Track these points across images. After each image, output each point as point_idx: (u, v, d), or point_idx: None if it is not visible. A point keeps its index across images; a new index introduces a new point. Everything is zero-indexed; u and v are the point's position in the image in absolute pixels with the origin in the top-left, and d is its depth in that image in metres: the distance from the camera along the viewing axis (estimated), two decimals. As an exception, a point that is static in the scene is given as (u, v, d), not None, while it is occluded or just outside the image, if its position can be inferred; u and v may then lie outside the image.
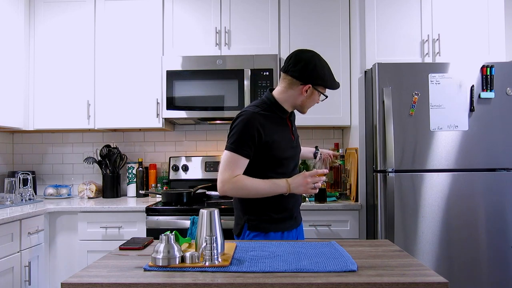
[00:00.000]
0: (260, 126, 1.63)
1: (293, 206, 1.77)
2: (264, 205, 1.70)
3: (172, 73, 2.87)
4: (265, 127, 1.65)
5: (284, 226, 1.74)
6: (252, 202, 1.70)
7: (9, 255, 2.24)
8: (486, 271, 2.42)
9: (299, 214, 1.85)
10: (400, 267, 1.21)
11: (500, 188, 2.44)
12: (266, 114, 1.69)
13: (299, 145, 1.85)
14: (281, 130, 1.72)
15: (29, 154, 3.34)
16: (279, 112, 1.73)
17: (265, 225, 1.71)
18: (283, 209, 1.73)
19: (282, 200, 1.70)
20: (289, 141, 1.75)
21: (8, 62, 2.77)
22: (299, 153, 1.85)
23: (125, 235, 2.57)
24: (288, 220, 1.75)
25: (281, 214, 1.73)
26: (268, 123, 1.67)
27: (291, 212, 1.77)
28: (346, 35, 2.91)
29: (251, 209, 1.72)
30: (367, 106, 2.65)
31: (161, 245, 1.22)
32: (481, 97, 2.45)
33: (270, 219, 1.71)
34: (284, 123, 1.76)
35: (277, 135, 1.68)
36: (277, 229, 1.72)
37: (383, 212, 2.44)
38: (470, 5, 2.70)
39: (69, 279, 1.11)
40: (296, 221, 1.81)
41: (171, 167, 3.15)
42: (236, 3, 2.94)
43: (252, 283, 1.08)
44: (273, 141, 1.66)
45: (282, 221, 1.73)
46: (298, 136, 1.85)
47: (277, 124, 1.72)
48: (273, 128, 1.68)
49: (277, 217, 1.72)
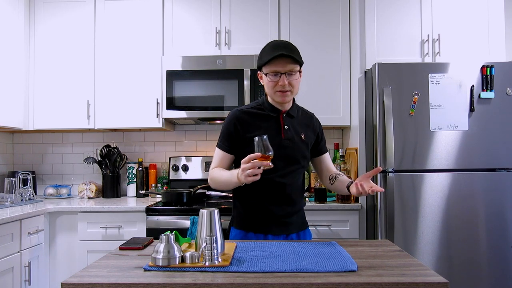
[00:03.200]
0: (239, 122, 1.67)
1: (281, 209, 1.68)
2: (248, 204, 1.70)
3: (172, 73, 2.87)
4: (245, 124, 1.67)
5: (267, 229, 1.67)
6: (239, 199, 1.73)
7: (9, 255, 2.24)
8: (486, 271, 2.42)
9: (294, 221, 1.73)
10: (400, 267, 1.21)
11: (500, 188, 2.44)
12: (253, 112, 1.70)
13: (295, 146, 1.70)
14: (266, 128, 1.66)
15: (29, 154, 3.34)
16: (268, 111, 1.70)
17: (246, 224, 1.70)
18: (265, 210, 1.68)
19: (264, 201, 1.67)
20: (275, 139, 1.62)
21: (8, 62, 2.77)
22: (294, 153, 1.69)
23: (125, 235, 2.57)
24: (272, 223, 1.68)
25: (262, 215, 1.68)
26: (253, 120, 1.68)
27: (277, 216, 1.68)
28: (346, 35, 2.91)
29: (237, 206, 1.75)
30: (367, 106, 2.65)
31: (161, 245, 1.22)
32: (481, 97, 2.45)
33: (251, 219, 1.70)
34: (273, 121, 1.69)
35: (260, 132, 1.59)
36: (258, 230, 1.68)
37: (383, 212, 2.44)
38: (470, 5, 2.70)
39: (69, 279, 1.11)
40: (287, 228, 1.70)
41: (171, 167, 3.15)
42: (236, 3, 2.94)
43: (252, 283, 1.07)
44: (253, 136, 1.60)
45: (263, 223, 1.68)
46: (296, 137, 1.70)
47: (264, 121, 1.68)
48: (257, 125, 1.67)
49: (258, 218, 1.68)
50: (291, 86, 1.62)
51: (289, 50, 1.59)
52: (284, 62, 1.58)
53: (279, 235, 1.68)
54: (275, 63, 1.58)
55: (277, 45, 1.61)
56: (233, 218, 1.78)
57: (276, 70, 1.59)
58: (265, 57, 1.60)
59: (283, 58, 1.57)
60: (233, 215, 1.79)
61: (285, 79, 1.59)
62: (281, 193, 1.68)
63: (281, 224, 1.69)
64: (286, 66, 1.58)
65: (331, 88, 2.91)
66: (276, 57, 1.56)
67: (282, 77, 1.59)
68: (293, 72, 1.60)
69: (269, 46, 1.63)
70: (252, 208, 1.70)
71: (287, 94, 1.63)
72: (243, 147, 1.66)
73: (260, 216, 1.69)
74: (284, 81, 1.59)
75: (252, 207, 1.70)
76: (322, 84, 2.91)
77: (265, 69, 1.62)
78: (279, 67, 1.58)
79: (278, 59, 1.57)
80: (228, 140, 1.69)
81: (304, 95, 2.84)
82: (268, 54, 1.59)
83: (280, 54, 1.55)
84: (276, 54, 1.56)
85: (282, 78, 1.59)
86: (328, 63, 2.91)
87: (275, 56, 1.56)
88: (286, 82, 1.59)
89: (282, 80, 1.59)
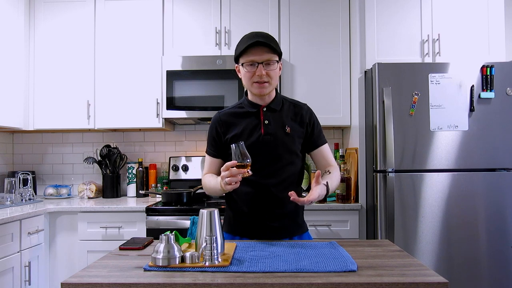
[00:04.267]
0: (219, 125, 1.66)
1: (268, 212, 1.61)
2: (235, 208, 1.68)
3: (172, 73, 2.87)
4: (225, 125, 1.65)
5: (253, 233, 1.61)
6: (228, 203, 1.72)
7: (9, 255, 2.24)
8: (486, 271, 2.42)
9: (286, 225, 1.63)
10: (400, 267, 1.21)
11: (500, 188, 2.44)
12: (232, 112, 1.67)
13: (278, 141, 1.60)
14: (245, 125, 1.61)
15: (29, 154, 3.34)
16: (248, 107, 1.64)
17: (233, 229, 1.67)
18: (251, 214, 1.62)
19: (250, 204, 1.62)
20: (254, 135, 1.59)
21: (8, 62, 2.77)
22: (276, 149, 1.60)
23: (125, 235, 2.57)
24: (259, 228, 1.61)
25: (248, 218, 1.63)
26: (232, 120, 1.64)
27: (263, 219, 1.61)
28: (346, 35, 2.91)
29: (226, 209, 1.74)
30: (367, 106, 2.65)
31: (161, 245, 1.22)
32: (481, 97, 2.45)
33: (238, 223, 1.66)
34: (253, 117, 1.62)
35: (238, 130, 1.60)
36: (244, 235, 1.62)
37: (383, 212, 2.44)
38: (470, 5, 2.70)
39: (69, 279, 1.11)
40: (277, 233, 1.61)
41: (171, 167, 3.15)
42: (236, 3, 2.94)
43: (252, 283, 1.07)
44: (233, 136, 1.61)
45: (250, 227, 1.62)
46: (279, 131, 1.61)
47: (243, 119, 1.63)
48: (236, 124, 1.63)
49: (244, 222, 1.64)
50: (269, 77, 1.55)
51: (265, 38, 1.53)
52: (261, 51, 1.52)
53: (267, 240, 1.56)
54: (252, 52, 1.52)
55: (254, 35, 1.55)
56: (224, 221, 1.73)
57: (252, 60, 1.52)
58: (240, 46, 1.54)
59: (259, 47, 1.51)
60: (224, 218, 1.74)
61: (262, 69, 1.52)
62: (267, 194, 1.60)
63: (268, 228, 1.61)
64: (263, 55, 1.52)
65: (331, 88, 2.91)
66: (252, 44, 1.50)
67: (259, 67, 1.52)
68: (270, 62, 1.54)
69: (246, 36, 1.57)
70: (239, 211, 1.66)
71: (265, 85, 1.56)
72: (226, 149, 1.61)
73: (246, 220, 1.64)
74: (261, 71, 1.52)
75: (238, 211, 1.66)
76: (322, 84, 2.91)
77: (241, 59, 1.55)
78: (256, 56, 1.52)
79: (254, 47, 1.51)
80: (212, 145, 1.69)
81: (304, 95, 2.84)
82: (244, 43, 1.53)
83: (256, 42, 1.50)
84: (251, 42, 1.50)
85: (259, 68, 1.52)
86: (328, 63, 2.91)
87: (250, 43, 1.50)
88: (263, 72, 1.53)
89: (259, 70, 1.52)
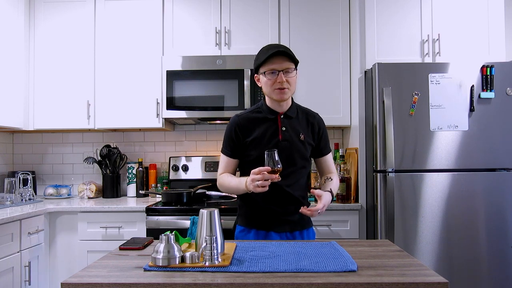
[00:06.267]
0: (239, 128, 1.76)
1: (282, 208, 1.73)
2: (251, 204, 1.78)
3: (172, 73, 2.87)
4: (244, 129, 1.75)
5: (269, 226, 1.75)
6: (243, 200, 1.82)
7: (9, 255, 2.24)
8: (486, 271, 2.42)
9: (298, 219, 1.75)
10: (400, 267, 1.21)
11: (500, 188, 2.44)
12: (251, 116, 1.78)
13: (293, 147, 1.73)
14: (264, 130, 1.74)
15: (29, 154, 3.34)
16: (266, 113, 1.76)
17: (249, 222, 1.78)
18: (267, 209, 1.74)
19: (266, 201, 1.72)
20: (272, 141, 1.71)
21: (8, 62, 2.77)
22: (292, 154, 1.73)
23: (125, 235, 2.57)
24: (274, 221, 1.74)
25: (264, 213, 1.75)
26: (251, 124, 1.76)
27: (278, 214, 1.74)
28: (346, 35, 2.91)
29: (242, 205, 1.85)
30: (367, 106, 2.65)
31: (161, 245, 1.22)
32: (481, 97, 2.45)
33: (254, 217, 1.77)
34: (271, 123, 1.75)
35: (258, 134, 1.73)
36: (260, 227, 1.75)
37: (383, 212, 2.44)
38: (470, 5, 2.70)
39: (69, 279, 1.11)
40: (290, 226, 1.75)
41: (171, 167, 3.15)
42: (236, 3, 2.94)
43: (252, 283, 1.08)
44: (253, 140, 1.73)
45: (266, 221, 1.75)
46: (294, 137, 1.74)
47: (262, 124, 1.75)
48: (256, 129, 1.74)
49: (260, 216, 1.76)
50: (289, 83, 1.68)
51: (284, 48, 1.69)
52: (281, 60, 1.66)
53: (281, 232, 1.74)
54: (272, 61, 1.66)
55: (273, 46, 1.72)
56: (238, 216, 1.86)
57: (273, 68, 1.66)
58: (262, 56, 1.68)
59: (279, 57, 1.66)
60: (238, 213, 1.87)
61: (283, 76, 1.66)
62: (282, 193, 1.72)
63: (283, 222, 1.75)
64: (282, 63, 1.66)
65: (331, 88, 2.91)
66: (273, 55, 1.64)
67: (280, 74, 1.66)
68: (289, 70, 1.67)
69: (265, 48, 1.73)
70: (255, 207, 1.77)
71: (285, 91, 1.68)
72: (244, 151, 1.77)
73: (262, 214, 1.76)
74: (282, 78, 1.65)
75: (254, 206, 1.77)
76: (322, 84, 2.91)
77: (262, 68, 1.69)
78: (276, 64, 1.66)
79: (274, 57, 1.65)
80: (230, 146, 1.79)
81: (304, 95, 2.84)
82: (265, 54, 1.67)
83: (277, 51, 1.64)
84: (273, 52, 1.64)
85: (280, 75, 1.66)
86: (328, 63, 2.91)
87: (272, 53, 1.64)
88: (284, 79, 1.66)
89: (280, 77, 1.65)
